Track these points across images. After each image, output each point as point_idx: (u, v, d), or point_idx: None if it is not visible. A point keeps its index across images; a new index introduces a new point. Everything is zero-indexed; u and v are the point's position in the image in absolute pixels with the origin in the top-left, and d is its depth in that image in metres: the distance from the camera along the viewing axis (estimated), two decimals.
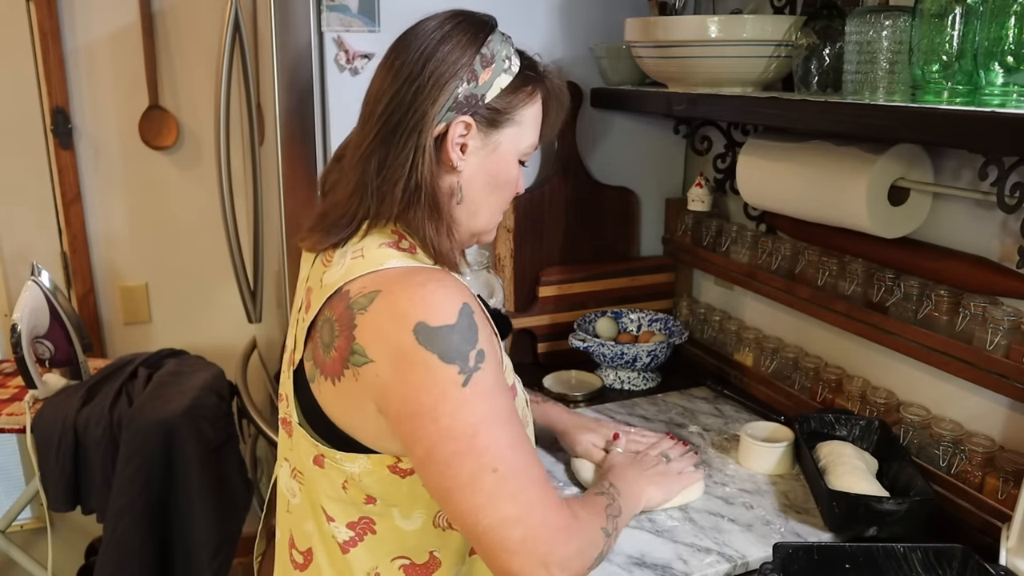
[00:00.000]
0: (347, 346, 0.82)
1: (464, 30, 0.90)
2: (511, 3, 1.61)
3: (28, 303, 1.79)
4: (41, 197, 2.22)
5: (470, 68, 0.89)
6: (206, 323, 2.45)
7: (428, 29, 0.90)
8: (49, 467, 1.77)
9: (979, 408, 1.18)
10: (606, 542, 0.93)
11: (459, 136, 0.90)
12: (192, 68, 2.27)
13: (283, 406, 0.95)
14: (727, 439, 1.38)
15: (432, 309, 0.79)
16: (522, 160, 0.98)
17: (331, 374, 0.85)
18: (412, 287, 0.81)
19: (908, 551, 0.99)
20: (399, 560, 0.92)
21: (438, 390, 0.79)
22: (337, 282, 0.86)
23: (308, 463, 0.91)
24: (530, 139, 0.97)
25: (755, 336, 1.59)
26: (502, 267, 1.69)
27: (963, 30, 0.94)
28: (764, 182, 1.40)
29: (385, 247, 0.88)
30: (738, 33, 1.27)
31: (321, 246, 0.93)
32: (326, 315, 0.86)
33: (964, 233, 1.20)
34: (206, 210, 2.33)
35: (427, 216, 0.88)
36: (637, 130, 1.77)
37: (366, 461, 0.87)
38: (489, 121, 0.92)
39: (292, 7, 1.47)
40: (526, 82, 0.94)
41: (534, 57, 0.98)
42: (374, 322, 0.81)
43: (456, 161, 0.90)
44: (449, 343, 0.79)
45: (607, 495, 1.02)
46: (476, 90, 0.89)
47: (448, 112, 0.88)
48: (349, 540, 0.91)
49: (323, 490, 0.91)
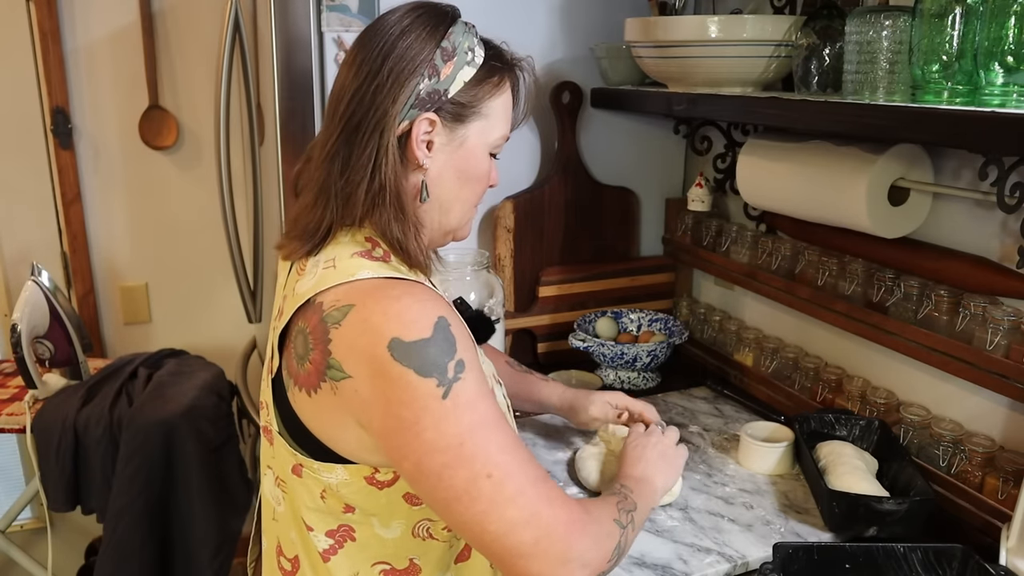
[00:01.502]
0: (323, 360, 0.81)
1: (424, 23, 0.88)
2: (511, 3, 1.61)
3: (28, 303, 1.79)
4: (41, 197, 2.22)
5: (431, 63, 0.87)
6: (206, 323, 2.45)
7: (389, 23, 0.88)
8: (49, 467, 1.77)
9: (979, 408, 1.18)
10: (622, 534, 0.90)
11: (424, 133, 0.88)
12: (192, 68, 2.27)
13: (264, 414, 0.94)
14: (727, 439, 1.38)
15: (406, 324, 0.78)
16: (493, 152, 0.96)
17: (306, 386, 0.84)
18: (386, 301, 0.80)
19: (908, 551, 0.99)
20: (379, 565, 0.91)
21: (418, 405, 0.77)
22: (308, 292, 0.84)
23: (288, 472, 0.90)
24: (500, 131, 0.94)
25: (755, 336, 1.59)
26: (502, 267, 1.69)
27: (963, 30, 0.94)
28: (764, 182, 1.40)
29: (357, 256, 0.86)
30: (738, 33, 1.27)
31: (296, 255, 0.92)
32: (300, 326, 0.84)
33: (964, 233, 1.20)
34: (206, 210, 2.33)
35: (393, 217, 0.86)
36: (637, 130, 1.77)
37: (343, 472, 0.86)
38: (454, 116, 0.89)
39: (292, 7, 1.47)
40: (491, 73, 0.91)
41: (500, 45, 0.96)
42: (348, 337, 0.79)
43: (422, 159, 0.89)
44: (425, 357, 0.77)
45: (618, 494, 0.99)
46: (438, 85, 0.87)
47: (411, 109, 0.86)
48: (329, 548, 0.90)
49: (301, 500, 0.90)
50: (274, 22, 1.51)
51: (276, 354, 0.89)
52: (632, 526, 0.94)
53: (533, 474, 0.81)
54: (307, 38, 1.47)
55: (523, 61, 0.97)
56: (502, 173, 1.69)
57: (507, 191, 1.67)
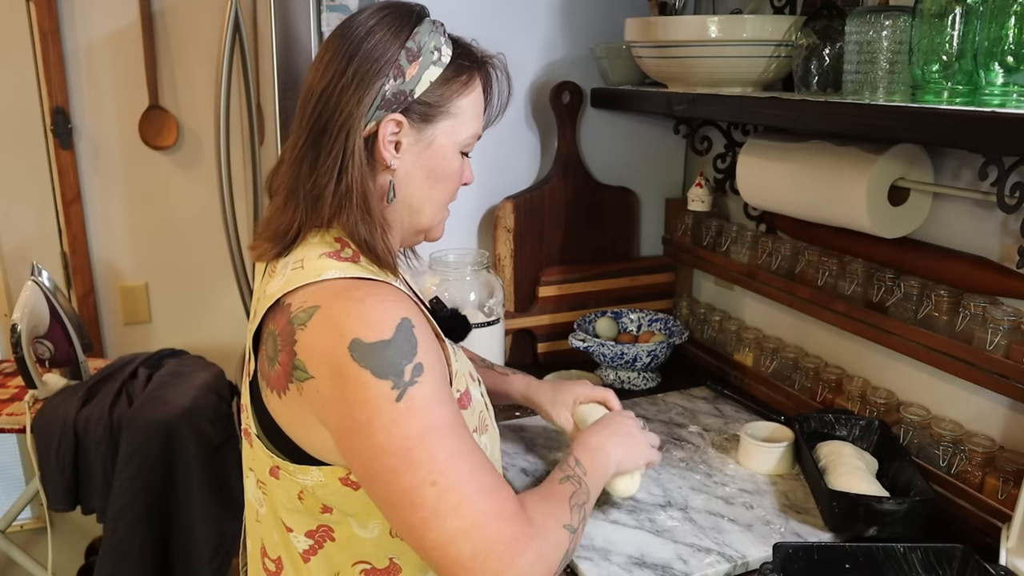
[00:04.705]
0: (289, 361, 0.81)
1: (389, 23, 0.88)
2: (511, 3, 1.61)
3: (28, 303, 1.79)
4: (41, 197, 2.22)
5: (396, 64, 0.86)
6: (206, 323, 2.45)
7: (355, 24, 0.88)
8: (49, 467, 1.77)
9: (979, 408, 1.18)
10: (572, 539, 0.87)
11: (391, 134, 0.88)
12: (192, 68, 2.28)
13: (244, 416, 0.94)
14: (727, 439, 1.38)
15: (368, 325, 0.78)
16: (464, 151, 0.95)
17: (276, 387, 0.84)
18: (350, 302, 0.80)
19: (908, 551, 0.99)
20: (360, 565, 0.91)
21: (371, 406, 0.77)
22: (276, 293, 0.84)
23: (266, 473, 0.90)
24: (470, 129, 0.94)
25: (755, 336, 1.59)
26: (502, 267, 1.69)
27: (963, 30, 0.94)
28: (764, 182, 1.40)
29: (325, 257, 0.86)
30: (738, 33, 1.27)
31: (267, 256, 0.92)
32: (270, 328, 0.84)
33: (964, 233, 1.20)
34: (206, 210, 2.33)
35: (359, 219, 0.86)
36: (637, 130, 1.77)
37: (318, 473, 0.86)
38: (422, 116, 0.89)
39: (292, 7, 1.47)
40: (459, 72, 0.91)
41: (470, 43, 0.95)
42: (312, 338, 0.79)
43: (390, 160, 0.88)
44: (383, 359, 0.77)
45: (572, 480, 0.95)
46: (404, 86, 0.87)
47: (377, 111, 0.86)
48: (309, 549, 0.90)
49: (280, 501, 0.90)
50: (274, 22, 1.51)
51: (252, 356, 0.89)
52: (583, 522, 0.91)
53: (484, 484, 0.79)
54: (307, 38, 1.47)
55: (493, 58, 0.97)
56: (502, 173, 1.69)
57: (507, 191, 1.67)
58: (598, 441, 1.05)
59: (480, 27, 0.94)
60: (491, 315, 1.54)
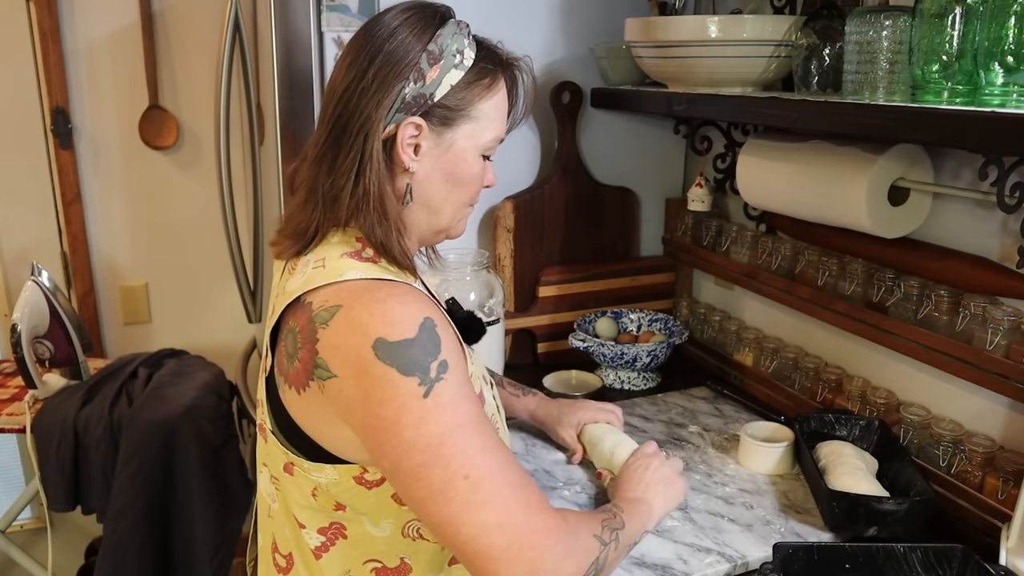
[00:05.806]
0: (310, 359, 0.81)
1: (412, 25, 0.87)
2: (511, 3, 1.61)
3: (28, 303, 1.79)
4: (41, 197, 2.22)
5: (416, 67, 0.85)
6: (206, 323, 2.45)
7: (380, 24, 0.87)
8: (49, 467, 1.77)
9: (979, 408, 1.18)
10: (603, 550, 0.88)
11: (410, 137, 0.87)
12: (192, 68, 2.28)
13: (259, 412, 0.94)
14: (727, 439, 1.38)
15: (391, 324, 0.78)
16: (486, 155, 0.94)
17: (296, 384, 0.84)
18: (372, 303, 0.80)
19: (908, 551, 0.99)
20: (371, 563, 0.91)
21: (398, 403, 0.77)
22: (297, 291, 0.85)
23: (280, 469, 0.91)
24: (492, 133, 0.93)
25: (755, 336, 1.59)
26: (502, 267, 1.69)
27: (963, 30, 0.94)
28: (764, 182, 1.40)
29: (347, 257, 0.86)
30: (738, 33, 1.27)
31: (287, 253, 0.92)
32: (290, 325, 0.85)
33: (964, 233, 1.20)
34: (206, 210, 2.33)
35: (376, 222, 0.86)
36: (637, 130, 1.77)
37: (332, 472, 0.86)
38: (442, 119, 0.88)
39: (292, 7, 1.47)
40: (482, 75, 0.90)
41: (495, 44, 0.94)
42: (335, 337, 0.79)
43: (408, 163, 0.88)
44: (408, 357, 0.77)
45: (607, 512, 0.98)
46: (424, 89, 0.86)
47: (396, 113, 0.86)
48: (321, 546, 0.90)
49: (293, 498, 0.90)
50: (274, 22, 1.51)
51: (269, 352, 0.89)
52: (616, 544, 0.92)
53: (513, 478, 0.80)
54: (307, 38, 1.47)
55: (520, 61, 0.96)
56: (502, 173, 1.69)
57: (507, 191, 1.67)
58: (636, 495, 1.08)
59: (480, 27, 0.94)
60: (491, 315, 1.54)
